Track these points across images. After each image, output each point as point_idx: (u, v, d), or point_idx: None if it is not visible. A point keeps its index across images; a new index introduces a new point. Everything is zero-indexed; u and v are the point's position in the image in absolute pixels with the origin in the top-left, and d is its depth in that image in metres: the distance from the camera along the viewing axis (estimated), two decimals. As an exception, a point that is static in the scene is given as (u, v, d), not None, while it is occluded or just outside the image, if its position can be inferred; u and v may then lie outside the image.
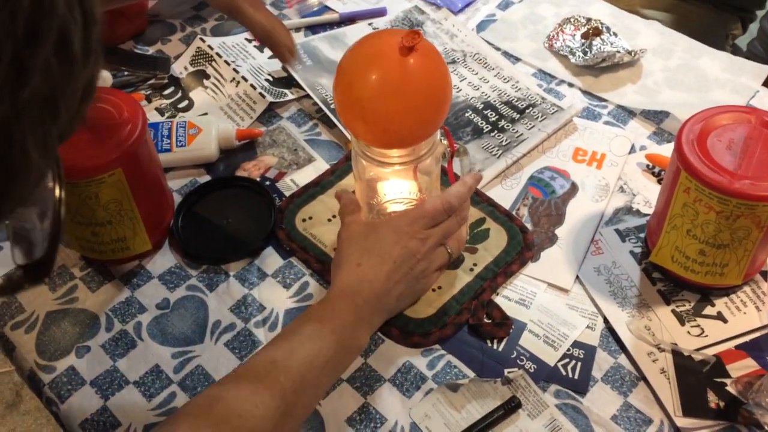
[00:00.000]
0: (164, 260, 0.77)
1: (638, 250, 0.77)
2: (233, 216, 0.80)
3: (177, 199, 0.81)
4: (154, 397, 0.67)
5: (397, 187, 0.73)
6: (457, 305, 0.72)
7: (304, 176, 0.84)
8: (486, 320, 0.71)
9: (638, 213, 0.80)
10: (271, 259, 0.77)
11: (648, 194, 0.82)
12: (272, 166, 0.86)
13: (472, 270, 0.75)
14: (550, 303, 0.73)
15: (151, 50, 1.01)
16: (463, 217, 0.71)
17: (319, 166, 0.86)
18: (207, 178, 0.85)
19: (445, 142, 0.70)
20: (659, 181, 0.83)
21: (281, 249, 0.78)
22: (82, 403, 0.66)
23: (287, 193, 0.82)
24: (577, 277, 0.75)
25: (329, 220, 0.79)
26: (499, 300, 0.73)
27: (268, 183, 0.84)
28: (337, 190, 0.77)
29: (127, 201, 0.71)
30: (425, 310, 0.72)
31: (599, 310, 0.72)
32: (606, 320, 0.71)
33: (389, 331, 0.70)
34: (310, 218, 0.79)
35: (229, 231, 0.79)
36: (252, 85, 0.91)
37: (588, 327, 0.71)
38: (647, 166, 0.85)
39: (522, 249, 0.76)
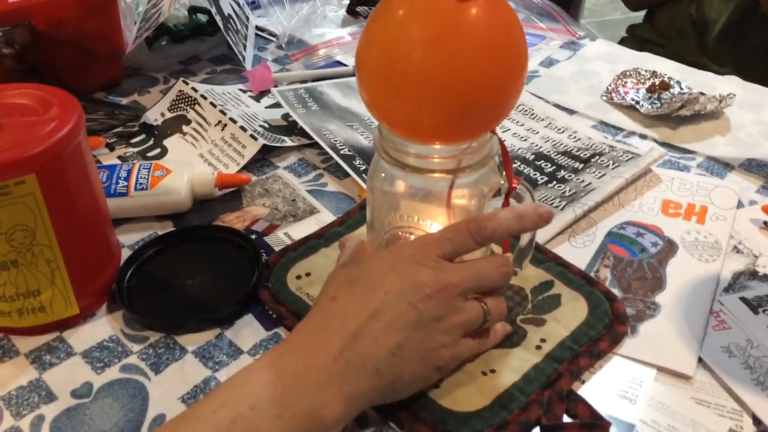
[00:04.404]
0: (95, 332, 0.53)
1: (781, 323, 0.53)
2: (201, 275, 0.57)
3: (127, 255, 0.59)
4: None
5: (421, 213, 0.51)
6: (522, 396, 0.47)
7: (303, 230, 0.63)
8: (568, 419, 0.46)
9: (766, 278, 0.58)
10: (248, 330, 0.53)
11: (774, 255, 0.60)
12: (261, 218, 0.64)
13: (539, 348, 0.51)
14: (668, 396, 0.48)
15: (125, 101, 0.83)
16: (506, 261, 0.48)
17: (324, 218, 0.64)
18: (173, 232, 0.63)
19: (502, 178, 0.49)
20: (786, 240, 0.61)
21: (264, 317, 0.54)
22: None
23: (278, 249, 0.60)
24: (700, 359, 0.51)
25: (334, 280, 0.56)
26: (585, 390, 0.49)
27: (254, 237, 0.62)
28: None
29: (42, 232, 0.49)
30: (474, 399, 0.47)
31: (743, 406, 0.47)
32: (757, 421, 0.46)
33: (418, 431, 0.45)
34: (308, 275, 0.56)
35: (192, 292, 0.56)
36: (242, 128, 0.72)
37: (732, 431, 0.46)
38: (765, 222, 0.63)
39: (611, 321, 0.53)
